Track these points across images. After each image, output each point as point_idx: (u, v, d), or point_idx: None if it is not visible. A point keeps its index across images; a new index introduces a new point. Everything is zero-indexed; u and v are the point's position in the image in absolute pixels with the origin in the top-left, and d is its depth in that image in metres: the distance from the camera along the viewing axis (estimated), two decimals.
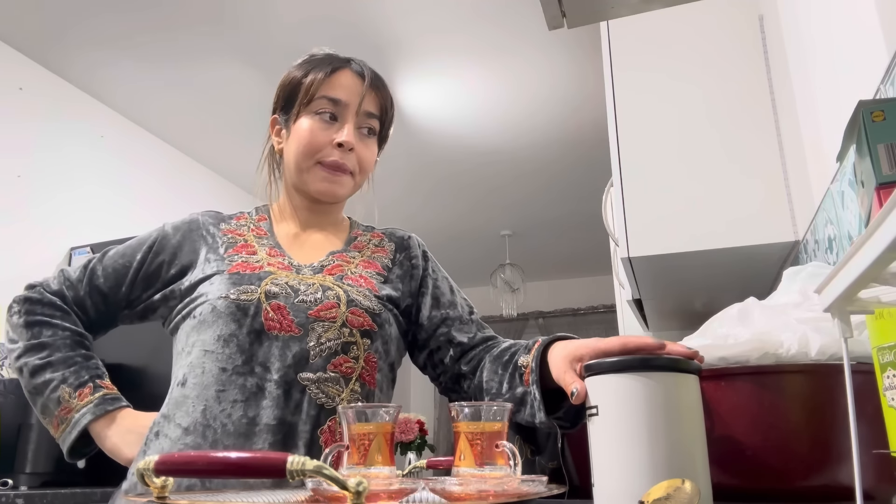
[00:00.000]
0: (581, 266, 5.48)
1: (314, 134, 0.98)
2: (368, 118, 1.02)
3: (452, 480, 0.61)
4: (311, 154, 0.99)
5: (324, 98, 0.99)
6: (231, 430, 0.83)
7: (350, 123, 0.99)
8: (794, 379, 0.67)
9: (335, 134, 0.98)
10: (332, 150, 0.98)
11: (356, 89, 1.00)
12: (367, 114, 1.01)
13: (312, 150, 0.98)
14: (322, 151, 0.98)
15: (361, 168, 1.02)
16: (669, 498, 0.49)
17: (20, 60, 2.73)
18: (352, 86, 1.01)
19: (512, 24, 2.63)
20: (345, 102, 0.99)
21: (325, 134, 0.98)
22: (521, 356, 0.89)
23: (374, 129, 1.03)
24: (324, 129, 0.99)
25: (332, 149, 0.98)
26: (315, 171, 0.99)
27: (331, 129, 0.99)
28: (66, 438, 0.92)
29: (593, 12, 0.98)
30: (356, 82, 1.01)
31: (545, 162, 3.76)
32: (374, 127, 1.03)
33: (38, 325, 0.96)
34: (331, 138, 0.98)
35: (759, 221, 1.37)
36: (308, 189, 1.01)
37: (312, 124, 0.99)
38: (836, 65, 1.04)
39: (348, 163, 0.99)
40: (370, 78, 1.02)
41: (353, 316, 0.92)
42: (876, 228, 0.41)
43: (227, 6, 2.50)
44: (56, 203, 2.80)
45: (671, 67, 1.53)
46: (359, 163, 1.01)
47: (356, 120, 1.00)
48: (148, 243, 1.00)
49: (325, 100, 0.99)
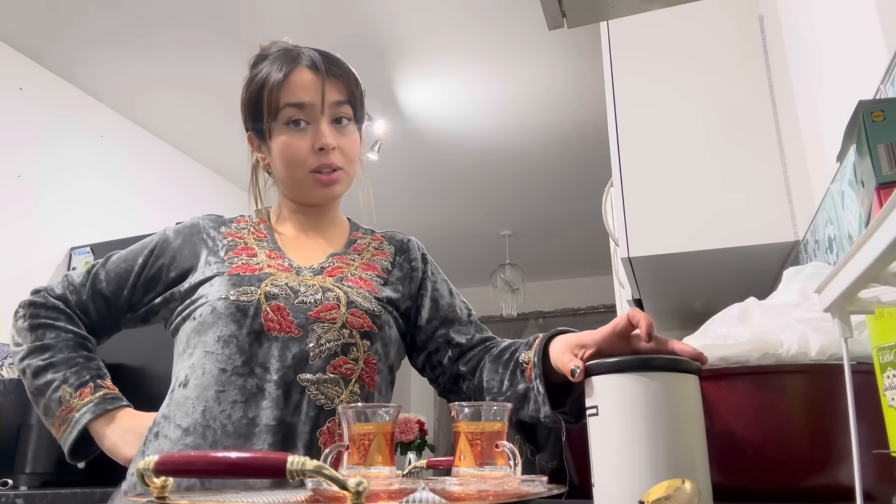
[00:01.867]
0: (581, 266, 5.48)
1: (293, 147, 0.97)
2: (338, 107, 0.99)
3: (452, 480, 0.61)
4: (297, 167, 0.98)
5: (287, 106, 0.97)
6: (231, 431, 0.83)
7: (322, 122, 0.97)
8: (794, 379, 0.67)
9: (312, 139, 0.97)
10: (317, 156, 0.97)
11: (315, 86, 0.97)
12: (335, 104, 0.98)
13: (297, 163, 0.97)
14: (307, 161, 0.97)
15: (348, 159, 1.00)
16: (669, 498, 0.49)
17: (20, 60, 2.73)
18: (310, 84, 0.97)
19: (512, 25, 2.63)
20: (309, 104, 0.97)
21: (303, 143, 0.97)
22: (521, 353, 0.89)
23: (349, 116, 1.00)
24: (300, 139, 0.97)
25: (316, 154, 0.97)
26: (307, 180, 0.98)
27: (306, 135, 0.97)
28: (66, 439, 0.92)
29: (593, 12, 0.98)
30: (313, 78, 0.97)
31: (545, 161, 3.76)
32: (348, 113, 1.00)
33: (41, 327, 0.96)
34: (310, 145, 0.97)
35: (759, 221, 1.37)
36: (308, 200, 1.02)
37: (288, 138, 0.97)
38: (836, 65, 1.04)
39: (335, 161, 0.98)
40: (325, 67, 0.98)
41: (353, 317, 0.92)
42: (876, 228, 0.41)
43: (227, 6, 2.50)
44: (56, 203, 2.80)
45: (671, 67, 1.53)
46: (344, 155, 0.99)
47: (328, 114, 0.98)
48: (149, 248, 1.00)
49: (289, 108, 0.97)
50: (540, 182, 4.02)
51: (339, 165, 0.99)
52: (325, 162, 0.97)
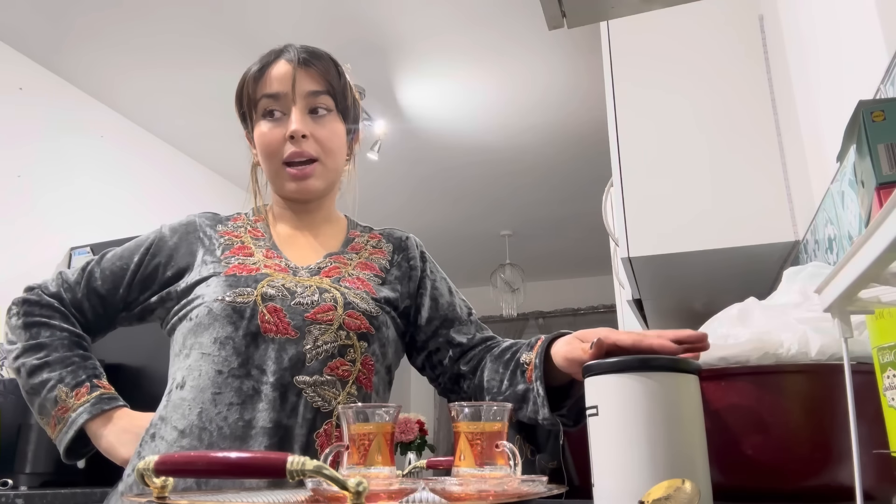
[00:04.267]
0: (581, 266, 5.49)
1: (267, 136, 0.97)
2: (314, 97, 0.98)
3: (452, 480, 0.61)
4: (271, 157, 0.97)
5: (263, 97, 0.97)
6: (227, 433, 0.83)
7: (295, 112, 0.96)
8: (794, 379, 0.67)
9: (285, 128, 0.96)
10: (288, 145, 0.96)
11: (287, 76, 0.97)
12: (310, 93, 0.97)
13: (271, 152, 0.97)
14: (280, 151, 0.97)
15: (325, 150, 0.98)
16: (669, 498, 0.49)
17: (20, 60, 2.73)
18: (283, 74, 0.97)
19: (511, 25, 2.63)
20: (282, 93, 0.97)
21: (276, 132, 0.97)
22: (523, 354, 0.89)
23: (327, 107, 0.99)
24: (274, 128, 0.97)
25: (288, 143, 0.96)
26: (282, 173, 0.98)
27: (281, 125, 0.97)
28: (62, 438, 0.92)
29: (593, 12, 0.98)
30: (288, 69, 0.97)
31: (545, 161, 3.76)
32: (327, 104, 0.99)
33: (35, 326, 0.96)
34: (283, 134, 0.96)
35: (759, 221, 1.37)
36: (285, 194, 1.01)
37: (263, 128, 0.97)
38: (836, 65, 1.04)
39: (308, 150, 0.96)
40: (298, 58, 0.98)
41: (351, 319, 0.92)
42: (876, 228, 0.41)
43: (227, 6, 2.50)
44: (56, 203, 2.80)
45: (671, 68, 1.53)
46: (320, 145, 0.98)
47: (302, 105, 0.97)
48: (145, 245, 0.99)
49: (265, 98, 0.97)
50: (540, 182, 4.02)
51: (313, 155, 0.97)
52: (297, 150, 0.96)
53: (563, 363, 0.78)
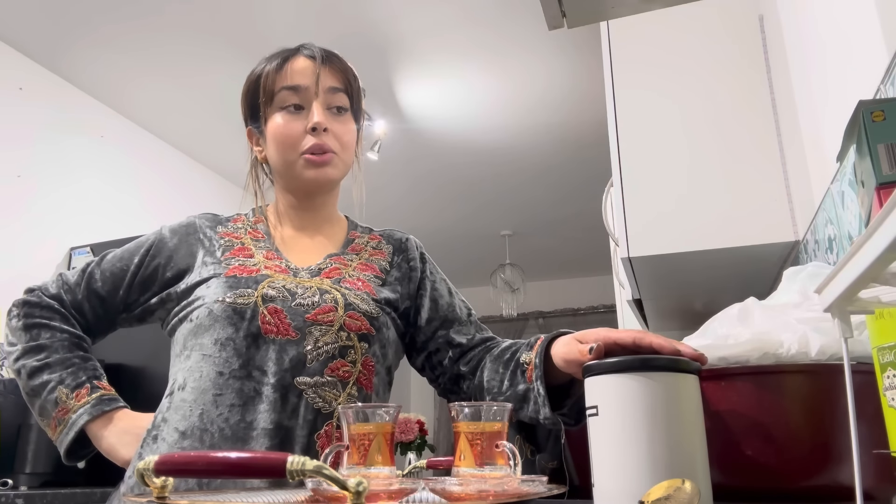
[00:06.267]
0: (581, 266, 5.49)
1: (287, 128, 0.97)
2: (334, 94, 1.00)
3: (452, 480, 0.61)
4: (290, 148, 0.98)
5: (283, 90, 0.98)
6: (228, 435, 0.83)
7: (316, 105, 0.97)
8: (794, 379, 0.67)
9: (306, 121, 0.97)
10: (309, 138, 0.97)
11: (311, 70, 0.99)
12: (330, 90, 0.99)
13: (290, 143, 0.97)
14: (300, 143, 0.97)
15: (342, 145, 1.00)
16: (669, 498, 0.49)
17: (20, 60, 2.73)
18: (306, 69, 0.99)
19: (511, 25, 2.63)
20: (304, 87, 0.98)
21: (296, 125, 0.97)
22: (523, 353, 0.89)
23: (344, 106, 1.01)
24: (294, 121, 0.98)
25: (308, 136, 0.97)
26: (300, 162, 0.98)
27: (300, 117, 0.98)
28: (63, 440, 0.92)
29: (593, 12, 0.98)
30: (309, 64, 0.99)
31: (545, 162, 3.76)
32: (344, 103, 1.01)
33: (36, 327, 0.96)
34: (303, 126, 0.97)
35: (759, 221, 1.37)
36: (299, 182, 1.01)
37: (282, 120, 0.98)
38: (836, 65, 1.04)
39: (328, 143, 0.98)
40: (321, 56, 1.00)
41: (351, 320, 0.92)
42: (876, 228, 0.41)
43: (227, 6, 2.50)
44: (56, 203, 2.80)
45: (671, 67, 1.53)
46: (338, 141, 0.99)
47: (322, 100, 0.98)
48: (145, 247, 0.99)
49: (284, 91, 0.98)
50: (540, 182, 4.02)
51: (333, 149, 0.98)
52: (318, 142, 0.97)
53: (562, 364, 0.78)
